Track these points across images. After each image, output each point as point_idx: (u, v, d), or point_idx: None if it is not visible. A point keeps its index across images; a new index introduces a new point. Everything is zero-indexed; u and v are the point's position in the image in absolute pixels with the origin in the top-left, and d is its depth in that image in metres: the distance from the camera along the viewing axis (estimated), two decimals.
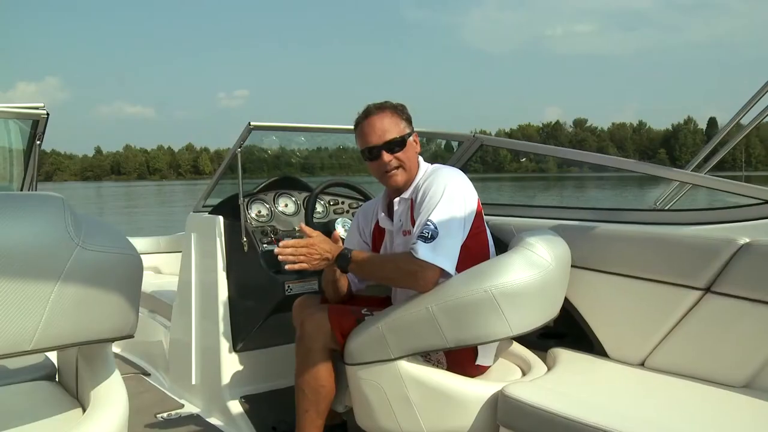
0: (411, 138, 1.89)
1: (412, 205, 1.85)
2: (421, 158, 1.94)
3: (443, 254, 1.68)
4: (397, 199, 1.91)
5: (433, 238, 1.67)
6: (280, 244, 1.73)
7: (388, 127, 1.83)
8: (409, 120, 1.91)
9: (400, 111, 1.89)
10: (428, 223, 1.70)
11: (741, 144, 2.30)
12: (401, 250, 1.85)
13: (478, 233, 1.84)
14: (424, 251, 1.66)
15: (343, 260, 1.75)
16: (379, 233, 2.02)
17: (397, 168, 1.85)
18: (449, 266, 1.68)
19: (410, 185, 1.88)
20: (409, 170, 1.87)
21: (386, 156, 1.83)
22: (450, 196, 1.74)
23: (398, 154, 1.84)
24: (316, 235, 1.75)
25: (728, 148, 2.27)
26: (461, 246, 1.74)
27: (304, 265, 1.70)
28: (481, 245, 1.88)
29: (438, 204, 1.72)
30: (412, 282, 1.70)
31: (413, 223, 1.81)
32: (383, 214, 1.98)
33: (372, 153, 1.85)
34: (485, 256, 1.86)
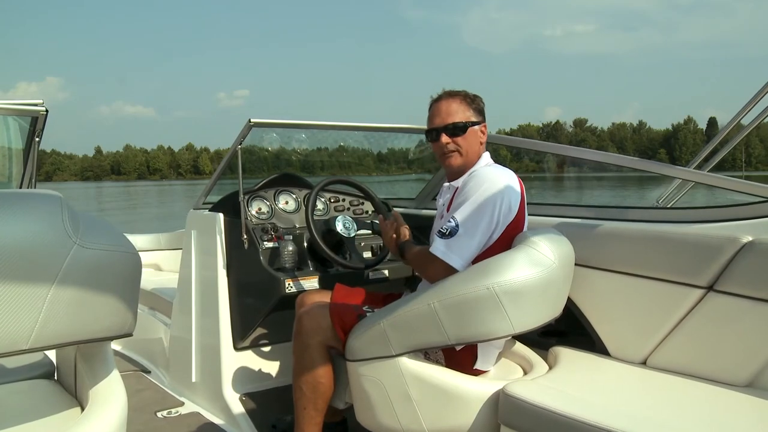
0: (476, 127, 1.89)
1: (455, 194, 1.85)
2: (487, 154, 1.93)
3: (456, 252, 1.70)
4: (446, 185, 1.95)
5: (451, 234, 1.71)
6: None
7: (453, 112, 1.87)
8: (478, 110, 1.91)
9: (470, 100, 1.91)
10: (451, 219, 1.73)
11: (741, 144, 2.30)
12: None
13: (508, 240, 1.78)
14: (437, 245, 1.72)
15: (402, 248, 1.97)
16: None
17: (453, 152, 1.86)
18: (459, 265, 1.69)
19: (464, 174, 1.89)
20: (466, 156, 1.88)
21: (444, 138, 1.86)
22: (481, 197, 1.72)
23: (457, 139, 1.86)
24: (404, 225, 2.04)
25: (728, 148, 2.26)
26: (486, 249, 1.74)
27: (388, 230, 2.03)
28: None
29: (467, 202, 1.73)
30: (424, 273, 1.82)
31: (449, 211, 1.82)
32: (439, 196, 2.05)
33: (432, 134, 1.90)
34: None
